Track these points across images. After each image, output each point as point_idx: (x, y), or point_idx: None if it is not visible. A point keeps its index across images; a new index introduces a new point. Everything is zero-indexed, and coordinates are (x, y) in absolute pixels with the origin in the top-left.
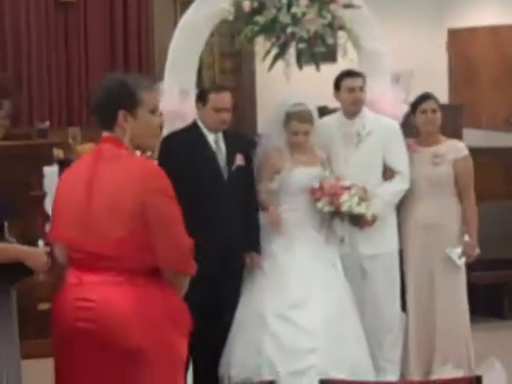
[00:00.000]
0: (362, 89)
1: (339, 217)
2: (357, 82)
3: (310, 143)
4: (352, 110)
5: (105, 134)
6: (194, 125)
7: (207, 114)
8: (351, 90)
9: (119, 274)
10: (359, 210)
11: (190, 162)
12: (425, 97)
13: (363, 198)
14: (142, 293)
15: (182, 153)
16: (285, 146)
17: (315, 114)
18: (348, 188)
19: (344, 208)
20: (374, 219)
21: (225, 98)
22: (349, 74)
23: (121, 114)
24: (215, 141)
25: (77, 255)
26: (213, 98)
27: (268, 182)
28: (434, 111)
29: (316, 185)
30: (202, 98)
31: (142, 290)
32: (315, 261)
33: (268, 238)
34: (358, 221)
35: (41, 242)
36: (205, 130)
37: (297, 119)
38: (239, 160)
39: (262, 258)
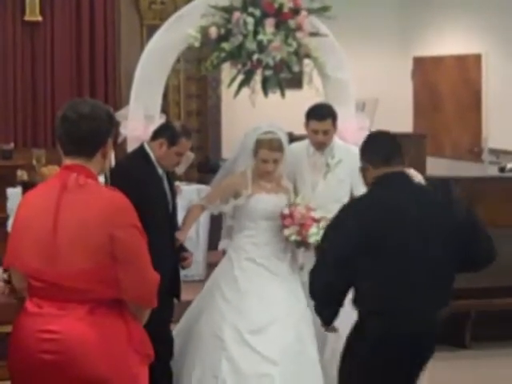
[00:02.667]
0: (326, 132)
1: (304, 246)
2: (322, 125)
3: (279, 172)
4: (316, 148)
5: (70, 162)
6: (146, 156)
7: (169, 155)
8: (315, 132)
9: (81, 304)
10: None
11: (146, 195)
12: None
13: None
14: (104, 323)
15: (136, 186)
16: (250, 172)
17: (286, 142)
18: (317, 220)
19: (311, 240)
20: None
21: (189, 145)
22: (316, 115)
23: (109, 143)
24: (162, 175)
25: (37, 284)
26: (182, 143)
27: (220, 202)
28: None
29: (286, 211)
30: (172, 139)
31: (104, 320)
32: (277, 287)
33: (230, 263)
34: None
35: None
36: (154, 161)
37: (267, 147)
38: (179, 192)
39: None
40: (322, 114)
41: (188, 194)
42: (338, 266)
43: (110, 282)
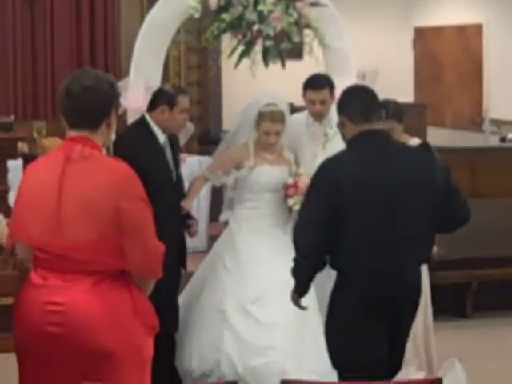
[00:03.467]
0: (323, 102)
1: None
2: (318, 95)
3: (280, 144)
4: (314, 118)
5: (75, 133)
6: (146, 125)
7: (174, 117)
8: (312, 102)
9: (87, 276)
10: None
11: (147, 166)
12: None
13: None
14: (110, 295)
15: (137, 157)
16: (252, 144)
17: (287, 114)
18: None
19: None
20: None
21: (187, 100)
22: (312, 85)
23: (113, 113)
24: (164, 144)
25: (43, 255)
26: (180, 100)
27: (222, 173)
28: (390, 130)
29: (290, 181)
30: (169, 101)
31: (110, 292)
32: (279, 258)
33: (232, 233)
34: None
35: (1, 216)
36: (156, 133)
37: (269, 119)
38: (183, 161)
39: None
40: (318, 83)
41: (190, 165)
42: (315, 226)
43: (116, 253)
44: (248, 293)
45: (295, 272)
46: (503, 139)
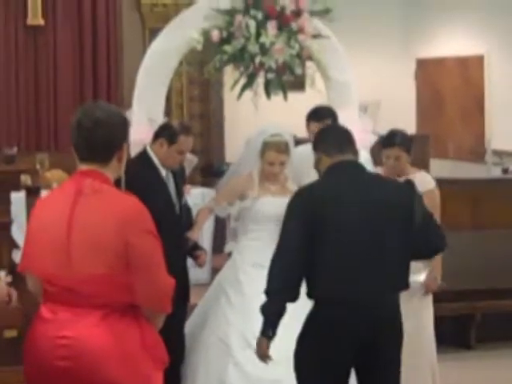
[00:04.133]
0: None
1: None
2: (322, 126)
3: (284, 175)
4: None
5: (86, 166)
6: (148, 158)
7: (170, 154)
8: None
9: (96, 310)
10: None
11: (150, 200)
12: (390, 143)
13: None
14: (119, 328)
15: (141, 191)
16: (256, 175)
17: (292, 145)
18: None
19: None
20: None
21: (190, 142)
22: (316, 116)
23: (124, 147)
24: (166, 176)
25: (52, 289)
26: (182, 140)
27: (227, 204)
28: (397, 158)
29: (278, 213)
30: (170, 137)
31: (119, 326)
32: None
33: (235, 267)
34: None
35: (2, 273)
36: (157, 164)
37: (274, 149)
38: (187, 192)
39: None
40: (321, 114)
41: (193, 198)
42: (291, 255)
43: (124, 288)
44: (252, 327)
45: (265, 307)
46: (505, 170)
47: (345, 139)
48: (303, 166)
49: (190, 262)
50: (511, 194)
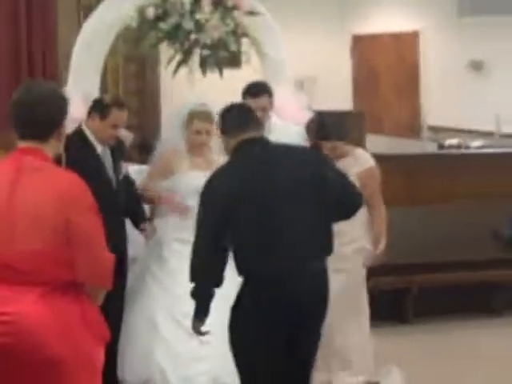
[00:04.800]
0: (263, 109)
1: None
2: (258, 102)
3: (209, 146)
4: None
5: (25, 144)
6: (82, 134)
7: (103, 128)
8: (256, 109)
9: (35, 287)
10: None
11: (87, 176)
12: (324, 136)
13: None
14: (59, 305)
15: (78, 168)
16: (183, 149)
17: (215, 115)
18: None
19: None
20: None
21: (124, 116)
22: (251, 92)
23: (63, 125)
24: (102, 152)
25: None
26: (114, 114)
27: (161, 180)
28: (333, 148)
29: None
30: (102, 111)
31: (59, 303)
32: None
33: (159, 244)
34: None
35: None
36: (93, 141)
37: (199, 118)
38: (124, 169)
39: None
40: (257, 90)
41: (132, 175)
42: (211, 235)
43: (65, 265)
44: (179, 303)
45: (194, 293)
46: (441, 146)
47: (244, 116)
48: None
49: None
50: (446, 169)
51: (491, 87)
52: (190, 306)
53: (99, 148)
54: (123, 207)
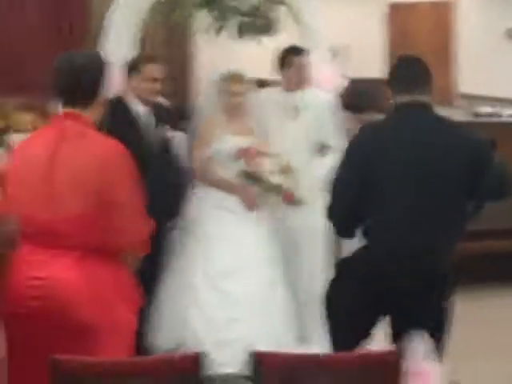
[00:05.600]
0: (306, 67)
1: (253, 181)
2: (303, 60)
3: (244, 109)
4: (298, 86)
5: (67, 110)
6: (122, 100)
7: (141, 85)
8: (300, 67)
9: (71, 251)
10: (273, 179)
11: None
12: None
13: (284, 170)
14: (93, 270)
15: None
16: (220, 114)
17: (249, 81)
18: (270, 156)
19: (259, 172)
20: (291, 195)
21: (159, 69)
22: (297, 51)
23: (104, 91)
24: (145, 114)
25: (30, 229)
26: (147, 67)
27: (202, 148)
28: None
29: (244, 146)
30: (134, 68)
31: (93, 268)
32: (246, 230)
33: (198, 207)
34: (273, 192)
35: None
36: (135, 104)
37: (233, 80)
38: (168, 134)
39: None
40: (301, 49)
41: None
42: (344, 198)
43: (102, 229)
44: (217, 266)
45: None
46: (476, 114)
47: (415, 76)
48: (266, 109)
49: None
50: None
51: None
52: (225, 267)
53: (141, 111)
54: (164, 171)
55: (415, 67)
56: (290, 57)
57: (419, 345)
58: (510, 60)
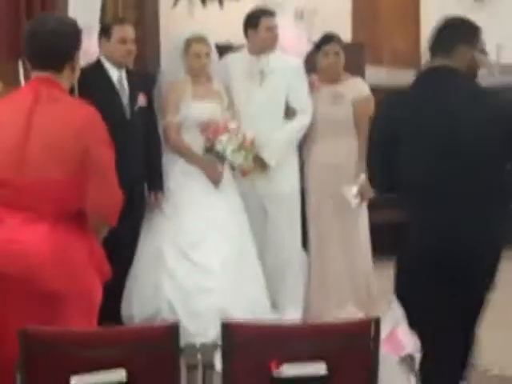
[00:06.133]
0: (276, 29)
1: (214, 156)
2: (274, 21)
3: (209, 73)
4: (268, 48)
5: (39, 74)
6: (97, 63)
7: (113, 48)
8: (269, 29)
9: (45, 217)
10: (233, 156)
11: (94, 101)
12: (328, 38)
13: (244, 146)
14: (65, 237)
15: (85, 93)
16: (185, 78)
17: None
18: (230, 131)
19: (219, 148)
20: (247, 171)
21: (129, 30)
22: (266, 12)
23: (77, 56)
24: (119, 80)
25: (4, 192)
26: (117, 30)
27: (174, 113)
28: (336, 54)
29: (206, 119)
30: (105, 31)
31: (65, 235)
32: (213, 198)
33: (166, 176)
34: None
35: None
36: (109, 69)
37: (197, 41)
38: (141, 100)
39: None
40: (270, 11)
41: None
42: (379, 150)
43: (77, 194)
44: (186, 236)
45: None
46: None
47: (438, 38)
48: (231, 73)
49: None
50: None
51: (493, 18)
52: (194, 237)
53: (115, 75)
54: (140, 137)
55: (439, 30)
56: (259, 18)
57: (397, 310)
58: (476, 21)
